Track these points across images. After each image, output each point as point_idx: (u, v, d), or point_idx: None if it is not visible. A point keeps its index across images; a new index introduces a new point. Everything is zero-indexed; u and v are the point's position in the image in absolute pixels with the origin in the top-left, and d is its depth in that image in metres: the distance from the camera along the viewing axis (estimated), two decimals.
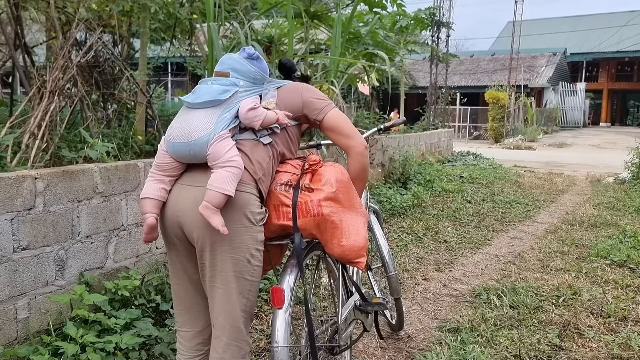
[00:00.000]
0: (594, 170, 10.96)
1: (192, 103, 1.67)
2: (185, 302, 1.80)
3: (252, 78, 1.74)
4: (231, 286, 1.63)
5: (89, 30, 4.14)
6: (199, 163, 1.66)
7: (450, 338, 2.86)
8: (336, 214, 1.73)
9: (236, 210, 1.60)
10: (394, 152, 7.11)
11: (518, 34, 20.55)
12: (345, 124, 1.85)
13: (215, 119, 1.63)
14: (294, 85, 1.90)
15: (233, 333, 1.67)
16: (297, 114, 1.83)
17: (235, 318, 1.66)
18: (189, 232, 1.64)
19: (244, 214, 1.62)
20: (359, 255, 1.78)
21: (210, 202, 1.55)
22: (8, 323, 2.28)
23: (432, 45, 14.38)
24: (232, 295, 1.64)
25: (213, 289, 1.66)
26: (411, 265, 4.21)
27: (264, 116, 1.69)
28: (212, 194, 1.55)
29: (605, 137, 22.49)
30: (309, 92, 1.87)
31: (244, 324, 1.69)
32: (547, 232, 5.41)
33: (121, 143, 3.84)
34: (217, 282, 1.64)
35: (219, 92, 1.66)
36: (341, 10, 5.61)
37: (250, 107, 1.66)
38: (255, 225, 1.64)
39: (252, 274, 1.66)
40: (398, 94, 15.84)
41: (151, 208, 1.69)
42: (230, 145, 1.61)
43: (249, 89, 1.73)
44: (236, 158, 1.60)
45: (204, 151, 1.60)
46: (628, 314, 3.21)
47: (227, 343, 1.67)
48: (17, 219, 2.28)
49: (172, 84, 16.87)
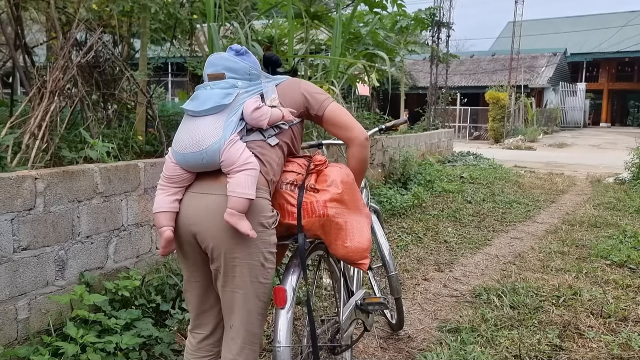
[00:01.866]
0: (594, 170, 10.96)
1: (195, 111, 1.62)
2: (198, 307, 1.80)
3: (248, 74, 1.71)
4: (247, 290, 1.63)
5: (89, 30, 4.14)
6: (210, 170, 1.64)
7: (450, 338, 2.86)
8: (341, 214, 1.73)
9: (251, 216, 1.58)
10: (394, 152, 7.11)
11: (518, 34, 20.56)
12: (346, 117, 1.84)
13: (222, 124, 1.59)
14: (292, 80, 1.86)
15: (248, 336, 1.67)
16: (299, 109, 1.81)
17: (250, 322, 1.66)
18: (202, 240, 1.63)
19: (258, 220, 1.60)
20: (362, 257, 1.78)
21: (235, 208, 1.54)
22: (8, 323, 2.28)
23: (432, 45, 14.39)
24: (248, 299, 1.64)
25: (228, 294, 1.66)
26: (411, 265, 4.21)
27: (269, 114, 1.67)
28: (235, 200, 1.54)
29: (605, 137, 22.48)
30: (308, 86, 1.85)
31: (259, 326, 1.70)
32: (547, 232, 5.41)
33: (121, 143, 3.85)
34: (234, 287, 1.64)
35: (221, 96, 1.62)
36: (341, 10, 5.61)
37: (254, 107, 1.63)
38: (268, 228, 1.64)
39: (265, 277, 1.66)
40: (398, 94, 15.84)
41: (166, 221, 1.66)
42: (242, 147, 1.60)
43: (248, 88, 1.69)
44: (251, 159, 1.59)
45: (217, 158, 1.58)
46: (628, 314, 3.21)
47: (242, 345, 1.67)
48: (17, 219, 2.28)
49: (172, 84, 16.85)
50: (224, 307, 1.69)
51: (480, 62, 27.94)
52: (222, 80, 1.67)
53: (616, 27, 32.11)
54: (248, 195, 1.54)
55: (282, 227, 1.75)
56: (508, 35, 23.59)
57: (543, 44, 30.08)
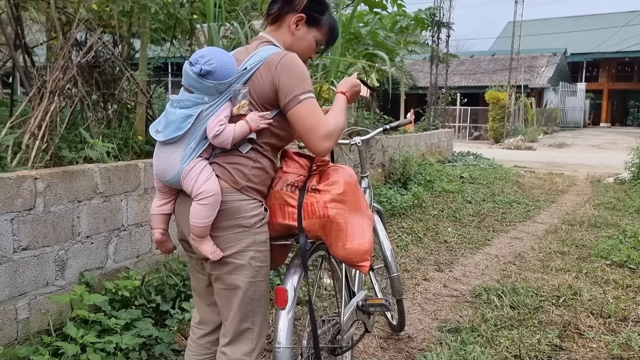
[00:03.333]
0: (594, 170, 10.96)
1: (157, 140, 1.62)
2: (200, 304, 1.84)
3: (215, 90, 1.57)
4: (236, 288, 1.64)
5: (89, 30, 4.14)
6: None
7: (450, 338, 2.86)
8: (341, 215, 1.71)
9: (227, 220, 1.61)
10: (394, 152, 7.11)
11: (518, 34, 20.55)
12: (305, 126, 1.59)
13: (181, 154, 1.57)
14: (269, 61, 1.61)
15: (238, 333, 1.68)
16: (271, 104, 1.64)
17: (240, 319, 1.66)
18: (190, 240, 1.67)
19: (235, 222, 1.62)
20: (362, 259, 1.75)
21: (194, 233, 1.59)
22: (8, 323, 2.28)
23: (432, 46, 14.38)
24: (237, 297, 1.64)
25: (218, 291, 1.69)
26: (411, 265, 4.21)
27: (231, 136, 1.56)
28: (192, 228, 1.59)
29: (605, 137, 22.49)
30: (282, 71, 1.59)
31: (252, 323, 1.68)
32: (547, 232, 5.41)
33: (121, 143, 3.84)
34: (223, 285, 1.66)
35: (181, 119, 1.55)
36: (341, 10, 5.61)
37: (213, 134, 1.55)
38: (250, 228, 1.63)
39: (254, 276, 1.66)
40: (398, 94, 15.84)
41: (157, 223, 1.75)
42: (196, 176, 1.56)
43: (214, 102, 1.58)
44: (203, 188, 1.55)
45: (179, 186, 1.63)
46: (628, 314, 3.21)
47: (231, 341, 1.68)
48: (17, 219, 2.28)
49: (172, 84, 16.83)
50: (218, 304, 1.72)
51: (480, 62, 27.94)
52: (190, 95, 1.58)
53: (616, 27, 32.14)
54: (199, 224, 1.57)
55: (283, 228, 1.74)
56: (508, 35, 23.58)
57: (543, 44, 30.10)
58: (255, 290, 1.66)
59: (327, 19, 1.80)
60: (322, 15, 1.78)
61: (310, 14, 1.75)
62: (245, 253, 1.63)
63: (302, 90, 1.59)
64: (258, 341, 1.70)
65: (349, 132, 4.89)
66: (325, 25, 1.80)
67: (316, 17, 1.76)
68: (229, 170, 1.61)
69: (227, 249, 1.62)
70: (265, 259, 1.69)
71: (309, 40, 1.79)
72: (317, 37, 1.80)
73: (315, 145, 1.61)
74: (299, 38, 1.76)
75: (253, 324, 1.68)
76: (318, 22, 1.78)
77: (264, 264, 1.68)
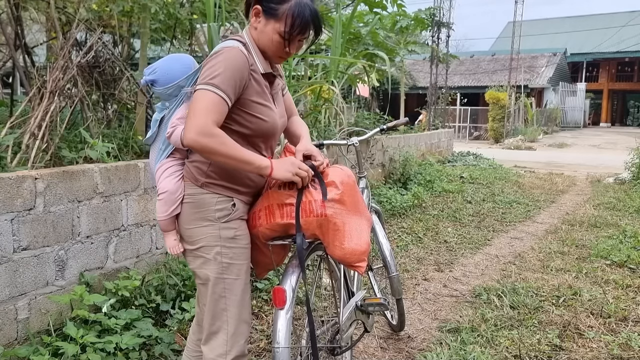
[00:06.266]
0: (594, 170, 10.96)
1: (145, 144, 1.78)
2: (197, 303, 1.88)
3: (168, 95, 1.70)
4: (205, 284, 1.68)
5: (89, 30, 4.14)
6: None
7: (450, 338, 2.86)
8: (339, 215, 1.71)
9: (192, 213, 1.68)
10: (394, 152, 7.11)
11: (518, 34, 20.55)
12: (190, 112, 1.55)
13: (155, 154, 1.75)
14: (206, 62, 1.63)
15: (210, 330, 1.68)
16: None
17: (211, 315, 1.67)
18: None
19: (199, 215, 1.67)
20: (359, 260, 1.74)
21: (160, 227, 1.74)
22: (8, 323, 2.28)
23: (432, 46, 14.38)
24: (206, 293, 1.68)
25: (197, 286, 1.77)
26: (411, 265, 4.21)
27: (179, 136, 1.62)
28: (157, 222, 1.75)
29: (605, 137, 22.49)
30: (205, 63, 1.61)
31: (227, 323, 1.66)
32: (547, 232, 5.41)
33: (121, 143, 3.84)
34: (197, 279, 1.73)
35: (153, 123, 1.74)
36: (341, 10, 5.62)
37: (167, 135, 1.68)
38: (215, 222, 1.66)
39: (221, 272, 1.66)
40: (398, 94, 15.84)
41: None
42: (159, 175, 1.71)
43: (172, 105, 1.71)
44: (160, 185, 1.69)
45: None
46: (628, 314, 3.21)
47: (206, 338, 1.70)
48: (17, 219, 2.28)
49: None
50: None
51: (480, 62, 27.95)
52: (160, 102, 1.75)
53: (616, 27, 32.14)
54: (159, 218, 1.71)
55: (281, 228, 1.74)
56: (508, 35, 23.59)
57: (543, 44, 30.12)
58: (225, 287, 1.66)
59: (287, 9, 1.62)
60: (279, 5, 1.63)
61: (267, 4, 1.64)
62: (212, 248, 1.66)
63: (201, 80, 1.56)
64: (233, 344, 1.66)
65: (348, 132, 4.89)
66: (283, 16, 1.62)
67: (272, 7, 1.63)
68: (189, 168, 1.70)
69: (195, 242, 1.68)
70: (237, 257, 1.68)
71: (268, 33, 1.65)
72: (277, 28, 1.63)
73: (184, 132, 1.55)
74: (260, 31, 1.67)
75: (227, 325, 1.66)
76: (274, 12, 1.63)
77: (234, 261, 1.67)
